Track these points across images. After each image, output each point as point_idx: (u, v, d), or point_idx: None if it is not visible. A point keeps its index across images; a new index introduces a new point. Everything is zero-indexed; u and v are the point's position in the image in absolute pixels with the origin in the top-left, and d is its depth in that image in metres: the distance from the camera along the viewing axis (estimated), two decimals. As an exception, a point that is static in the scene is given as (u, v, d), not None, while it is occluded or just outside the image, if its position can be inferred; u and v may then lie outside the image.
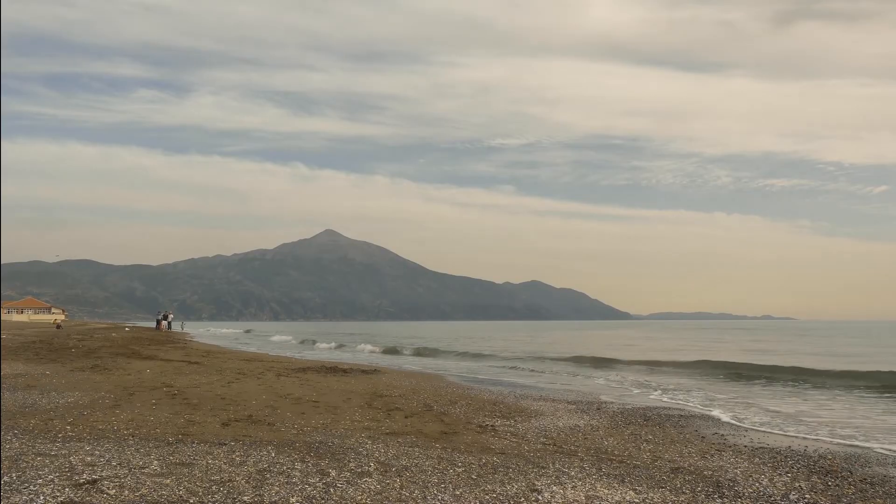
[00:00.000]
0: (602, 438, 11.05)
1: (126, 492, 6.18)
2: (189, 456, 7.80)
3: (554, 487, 7.18)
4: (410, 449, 9.07)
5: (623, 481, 7.71)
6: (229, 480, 6.77)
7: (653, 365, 31.05)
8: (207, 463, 7.48)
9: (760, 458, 9.67)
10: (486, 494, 6.77)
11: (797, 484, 8.03)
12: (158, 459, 7.52)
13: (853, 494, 7.64)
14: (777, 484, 7.99)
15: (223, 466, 7.35)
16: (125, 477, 6.66)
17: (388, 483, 7.00)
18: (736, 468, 8.87)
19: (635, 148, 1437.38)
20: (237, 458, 7.79)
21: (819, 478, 8.44)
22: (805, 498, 7.36)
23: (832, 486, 7.99)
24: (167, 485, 6.48)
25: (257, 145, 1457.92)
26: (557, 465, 8.41)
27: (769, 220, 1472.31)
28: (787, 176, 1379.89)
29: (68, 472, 6.73)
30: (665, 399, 17.92)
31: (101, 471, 6.84)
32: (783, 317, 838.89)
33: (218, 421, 10.87)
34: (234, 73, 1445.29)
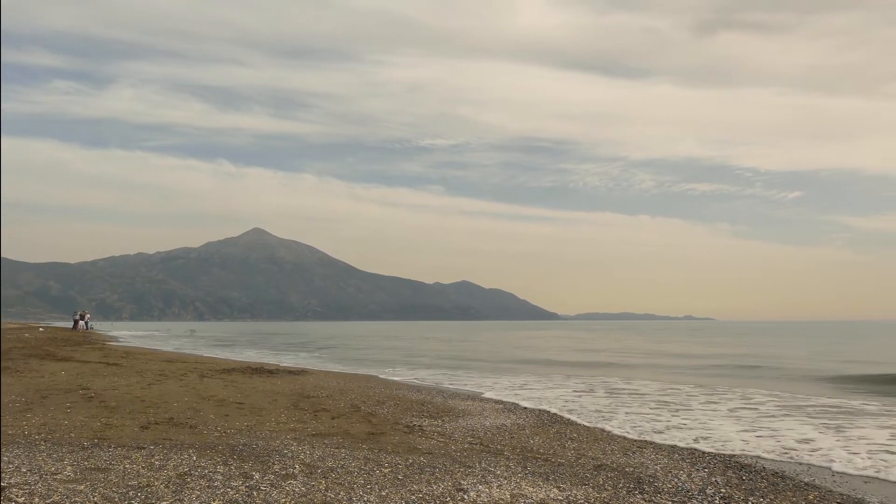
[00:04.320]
0: (528, 437, 11.20)
1: (36, 499, 5.91)
2: (105, 460, 7.53)
3: (480, 486, 7.23)
4: (337, 450, 8.99)
5: (547, 479, 7.82)
6: (148, 485, 6.56)
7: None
8: (125, 467, 7.23)
9: (679, 455, 9.97)
10: (413, 494, 6.76)
11: (714, 479, 8.31)
12: (72, 465, 7.23)
13: (765, 488, 7.95)
14: (695, 479, 8.25)
15: (141, 471, 7.12)
16: (35, 484, 6.38)
17: (314, 485, 6.91)
18: (656, 464, 9.12)
19: (562, 151, 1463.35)
20: (156, 462, 7.55)
21: (734, 472, 8.76)
22: (721, 492, 7.62)
23: (746, 480, 8.30)
24: (81, 491, 6.23)
25: (180, 140, 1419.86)
26: (484, 465, 8.47)
27: (690, 223, 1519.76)
28: (707, 180, 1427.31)
29: (-27, 479, 6.40)
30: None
31: (10, 477, 6.53)
32: (704, 317, 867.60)
33: (137, 424, 10.54)
34: (157, 66, 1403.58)
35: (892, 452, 10.46)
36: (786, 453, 10.47)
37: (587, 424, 13.11)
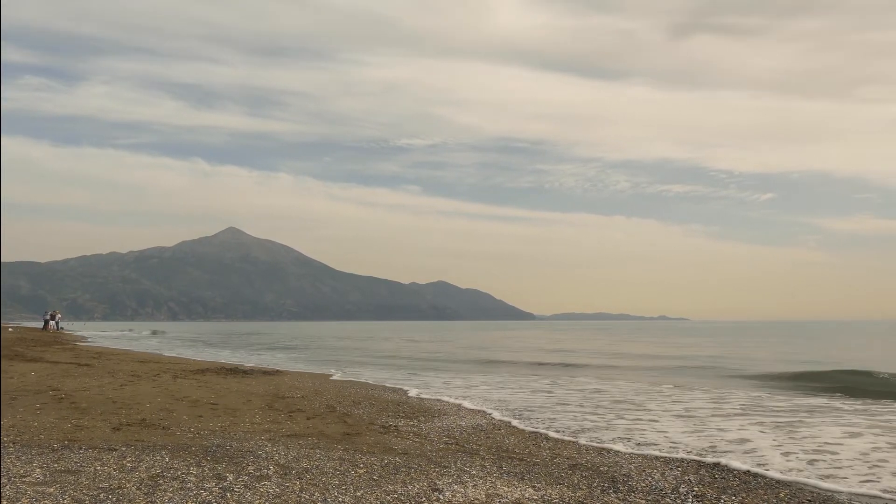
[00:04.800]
0: (503, 437, 11.21)
1: (4, 502, 5.81)
2: (76, 463, 7.42)
3: (455, 486, 7.23)
4: (312, 451, 8.94)
5: (523, 479, 7.84)
6: (119, 487, 6.48)
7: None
8: (95, 469, 7.13)
9: (654, 454, 10.04)
10: (388, 495, 6.74)
11: (686, 477, 8.39)
12: (41, 467, 7.12)
13: (737, 486, 8.04)
14: (668, 478, 8.32)
15: (113, 473, 7.03)
16: (3, 487, 6.27)
17: (288, 486, 6.86)
18: (630, 463, 9.18)
19: (539, 151, 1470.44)
20: (128, 464, 7.46)
21: (707, 471, 8.84)
22: (694, 490, 7.69)
23: (718, 479, 8.39)
24: (50, 493, 6.14)
25: (154, 138, 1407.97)
26: (459, 465, 8.47)
27: (664, 224, 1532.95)
28: (681, 182, 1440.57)
29: (-61, 482, 6.28)
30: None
31: (-23, 480, 6.41)
32: (678, 317, 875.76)
33: (108, 425, 10.40)
34: (130, 63, 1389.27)
35: (830, 453, 10.29)
36: (708, 454, 10.05)
37: (519, 426, 12.75)
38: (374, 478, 7.44)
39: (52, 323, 70.05)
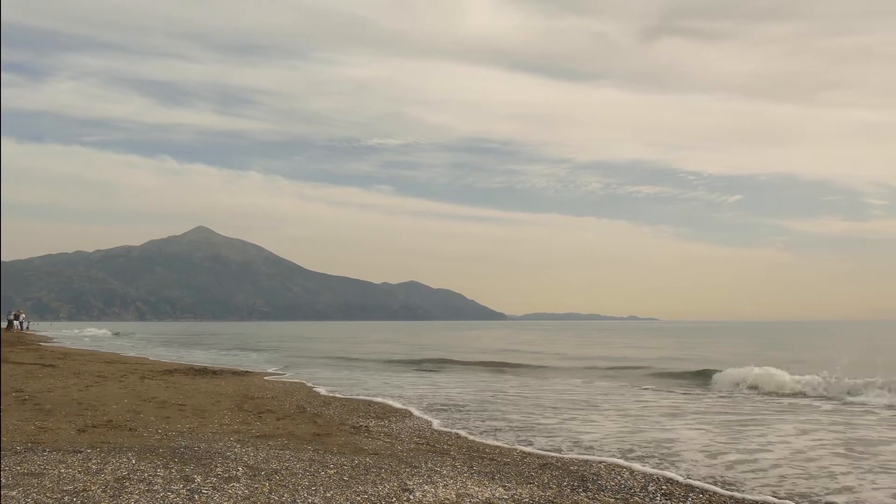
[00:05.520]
0: (475, 437, 11.23)
1: (-35, 506, 5.70)
2: (39, 465, 7.28)
3: (425, 486, 7.22)
4: (281, 452, 8.87)
5: (493, 478, 7.86)
6: (84, 490, 6.37)
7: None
8: (60, 472, 7.01)
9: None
10: (358, 496, 6.71)
11: (655, 476, 8.47)
12: (4, 470, 6.98)
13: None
14: (637, 477, 8.39)
15: (77, 475, 6.91)
16: (-36, 490, 6.14)
17: (257, 487, 6.81)
18: (600, 463, 9.24)
19: (510, 152, 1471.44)
20: (94, 466, 7.34)
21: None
22: (662, 489, 7.77)
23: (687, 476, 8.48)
24: (13, 497, 6.02)
25: (122, 136, 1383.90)
26: (430, 465, 8.47)
27: (635, 224, 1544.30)
28: (652, 183, 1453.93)
29: None
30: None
31: (-64, 484, 6.27)
32: (647, 317, 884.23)
33: (73, 427, 10.24)
34: (97, 59, 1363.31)
35: (763, 452, 10.19)
36: (616, 456, 9.74)
37: (437, 426, 12.42)
38: (345, 478, 7.40)
39: (16, 323, 68.77)
